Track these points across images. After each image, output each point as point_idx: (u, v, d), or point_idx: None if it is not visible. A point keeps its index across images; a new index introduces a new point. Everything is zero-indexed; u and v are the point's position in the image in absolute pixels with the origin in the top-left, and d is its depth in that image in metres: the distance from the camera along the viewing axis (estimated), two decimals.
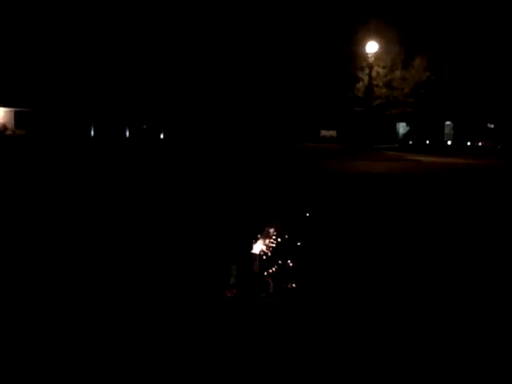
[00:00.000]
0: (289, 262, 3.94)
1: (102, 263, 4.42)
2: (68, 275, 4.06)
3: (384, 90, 40.69)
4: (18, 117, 45.00)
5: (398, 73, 40.38)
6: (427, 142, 46.42)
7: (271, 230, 4.18)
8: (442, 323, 3.26)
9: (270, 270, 3.76)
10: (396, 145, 43.64)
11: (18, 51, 41.81)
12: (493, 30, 37.30)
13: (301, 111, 49.16)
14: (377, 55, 36.06)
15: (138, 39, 43.87)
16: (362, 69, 39.12)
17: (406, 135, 47.47)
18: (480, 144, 46.25)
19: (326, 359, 2.74)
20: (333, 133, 50.94)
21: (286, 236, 4.18)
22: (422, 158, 25.40)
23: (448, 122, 46.77)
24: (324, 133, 51.20)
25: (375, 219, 7.04)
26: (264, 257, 3.88)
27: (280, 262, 3.90)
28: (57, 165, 15.69)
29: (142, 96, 45.53)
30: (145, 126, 49.09)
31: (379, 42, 33.87)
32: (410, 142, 45.75)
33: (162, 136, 48.51)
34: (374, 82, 38.67)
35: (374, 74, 38.08)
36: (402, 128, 47.82)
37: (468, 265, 4.69)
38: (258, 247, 3.95)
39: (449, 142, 46.92)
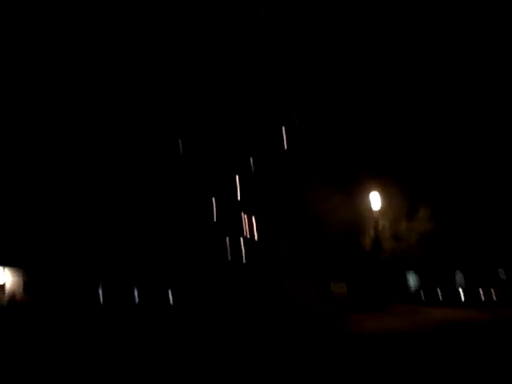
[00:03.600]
0: None
1: None
2: None
3: (390, 243, 41.16)
4: (26, 283, 44.96)
5: (403, 224, 41.20)
6: (438, 290, 45.85)
7: None
8: None
9: None
10: (408, 297, 43.15)
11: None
12: (493, 172, 38.74)
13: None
14: (381, 210, 37.02)
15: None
16: (368, 223, 39.91)
17: (417, 286, 47.13)
18: (493, 292, 45.60)
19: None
20: (343, 288, 50.32)
21: None
22: (433, 312, 25.06)
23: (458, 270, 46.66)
24: (334, 288, 50.55)
25: None
26: None
27: None
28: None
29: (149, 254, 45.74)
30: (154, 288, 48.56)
31: (383, 198, 34.88)
32: (422, 293, 45.22)
33: (171, 299, 47.81)
34: (380, 236, 39.23)
35: (379, 227, 38.81)
36: (411, 279, 47.63)
37: None
38: None
39: (460, 289, 46.33)
